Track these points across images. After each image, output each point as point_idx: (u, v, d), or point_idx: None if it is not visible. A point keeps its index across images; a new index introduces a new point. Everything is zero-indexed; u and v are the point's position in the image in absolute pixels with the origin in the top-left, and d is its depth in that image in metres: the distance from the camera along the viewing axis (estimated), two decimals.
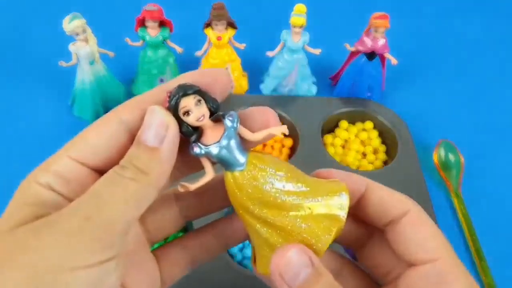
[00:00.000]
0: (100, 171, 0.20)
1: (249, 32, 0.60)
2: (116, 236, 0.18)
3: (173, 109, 0.20)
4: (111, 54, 0.57)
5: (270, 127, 0.22)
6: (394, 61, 0.56)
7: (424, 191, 0.50)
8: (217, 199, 0.25)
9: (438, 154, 0.55)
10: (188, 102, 0.20)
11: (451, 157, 0.54)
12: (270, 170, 0.21)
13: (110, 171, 0.19)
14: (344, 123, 0.57)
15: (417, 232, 0.22)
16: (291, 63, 0.57)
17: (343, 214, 0.21)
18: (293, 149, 0.55)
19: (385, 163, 0.55)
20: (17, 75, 0.63)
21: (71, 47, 0.53)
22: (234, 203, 0.22)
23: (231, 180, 0.21)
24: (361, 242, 0.25)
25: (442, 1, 0.81)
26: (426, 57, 0.70)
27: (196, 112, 0.20)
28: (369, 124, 0.57)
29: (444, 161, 0.54)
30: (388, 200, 0.23)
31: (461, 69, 0.68)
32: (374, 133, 0.56)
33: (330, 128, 0.58)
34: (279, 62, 0.57)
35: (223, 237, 0.25)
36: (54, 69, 0.58)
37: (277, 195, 0.21)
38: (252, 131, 0.22)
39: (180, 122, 0.20)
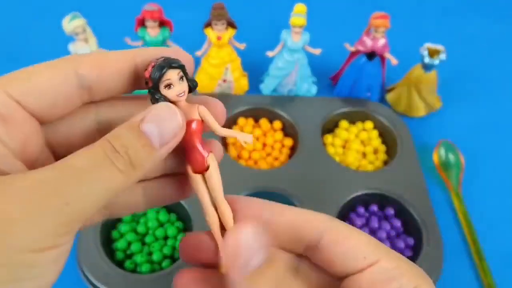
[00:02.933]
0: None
1: (249, 32, 0.60)
2: (81, 223, 0.17)
3: (156, 80, 0.20)
4: None
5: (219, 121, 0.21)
6: (394, 61, 0.56)
7: (424, 191, 0.50)
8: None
9: (438, 154, 0.55)
10: (172, 75, 0.20)
11: (451, 157, 0.54)
12: None
13: (99, 147, 0.18)
14: (344, 123, 0.57)
15: (346, 245, 0.20)
16: (291, 63, 0.57)
17: None
18: (293, 149, 0.55)
19: (385, 163, 0.55)
20: None
21: (71, 47, 0.53)
22: None
23: None
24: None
25: (442, 0, 0.81)
26: None
27: (178, 87, 0.20)
28: (369, 124, 0.57)
29: (444, 161, 0.54)
30: (300, 224, 0.21)
31: (461, 69, 0.68)
32: (374, 133, 0.56)
33: (330, 128, 0.58)
34: (279, 62, 0.57)
35: (151, 197, 0.23)
36: None
37: None
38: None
39: (154, 94, 0.20)
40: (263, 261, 0.18)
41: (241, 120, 0.56)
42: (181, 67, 0.20)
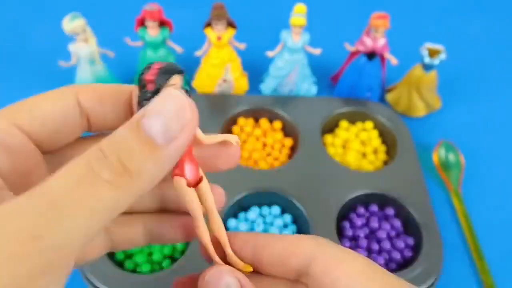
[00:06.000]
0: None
1: (249, 32, 0.60)
2: (69, 258, 0.14)
3: (159, 85, 0.17)
4: (111, 54, 0.56)
5: None
6: (394, 61, 0.56)
7: (424, 191, 0.50)
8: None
9: (438, 154, 0.55)
10: (178, 81, 0.17)
11: (451, 157, 0.54)
12: None
13: (81, 159, 0.14)
14: (344, 123, 0.57)
15: (336, 273, 0.18)
16: (291, 63, 0.57)
17: None
18: (293, 149, 0.55)
19: (385, 163, 0.55)
20: (17, 75, 0.63)
21: (71, 47, 0.53)
22: None
23: None
24: None
25: (442, 0, 0.81)
26: None
27: None
28: (369, 124, 0.57)
29: (444, 161, 0.54)
30: (286, 253, 0.20)
31: (461, 69, 0.68)
32: (375, 133, 0.56)
33: (330, 128, 0.58)
34: (279, 62, 0.57)
35: (152, 234, 0.21)
36: (54, 69, 0.57)
37: None
38: None
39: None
40: None
41: (241, 120, 0.56)
42: (183, 74, 0.18)
